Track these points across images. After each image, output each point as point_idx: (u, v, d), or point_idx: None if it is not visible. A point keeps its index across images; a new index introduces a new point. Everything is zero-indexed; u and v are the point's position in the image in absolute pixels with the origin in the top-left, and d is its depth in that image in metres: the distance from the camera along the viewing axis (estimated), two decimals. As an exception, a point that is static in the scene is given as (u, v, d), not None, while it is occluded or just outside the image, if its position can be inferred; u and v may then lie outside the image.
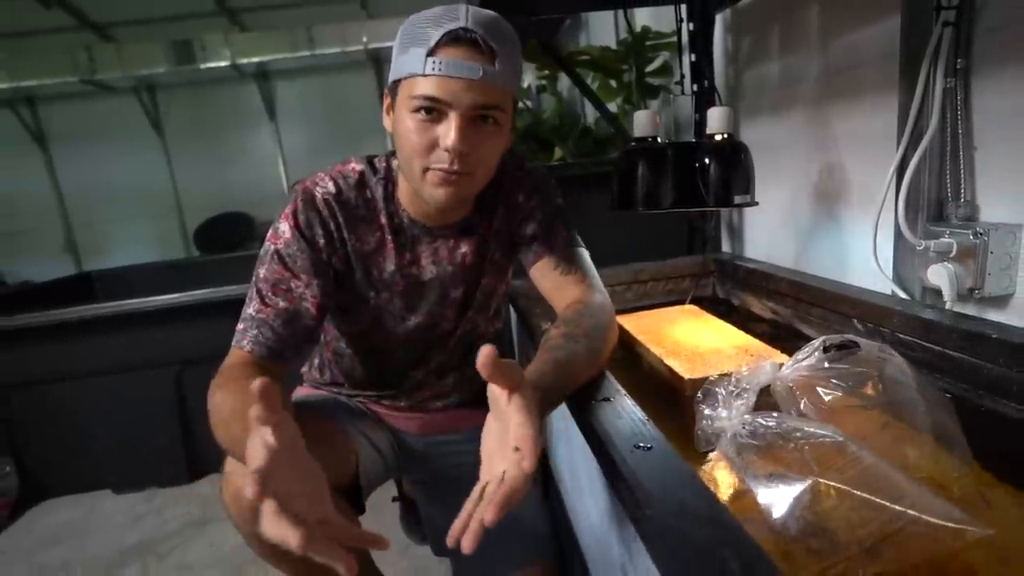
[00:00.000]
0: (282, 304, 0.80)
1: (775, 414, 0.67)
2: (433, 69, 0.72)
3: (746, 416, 0.69)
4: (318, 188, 0.85)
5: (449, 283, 0.95)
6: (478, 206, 0.94)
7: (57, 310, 1.83)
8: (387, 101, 0.82)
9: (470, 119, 0.75)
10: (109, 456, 1.93)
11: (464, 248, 0.94)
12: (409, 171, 0.80)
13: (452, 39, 0.72)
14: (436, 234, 0.92)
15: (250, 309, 0.80)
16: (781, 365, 0.80)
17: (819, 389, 0.73)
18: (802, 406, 0.73)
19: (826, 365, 0.74)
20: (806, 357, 0.77)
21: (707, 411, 0.75)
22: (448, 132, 0.74)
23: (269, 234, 0.84)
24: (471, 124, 0.75)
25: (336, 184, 0.86)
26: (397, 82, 0.77)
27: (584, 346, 0.76)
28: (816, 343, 0.78)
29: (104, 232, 5.77)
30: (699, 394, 0.77)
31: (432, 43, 0.71)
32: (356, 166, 0.89)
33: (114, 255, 5.25)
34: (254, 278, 0.83)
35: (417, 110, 0.74)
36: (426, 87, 0.73)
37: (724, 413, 0.70)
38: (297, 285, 0.82)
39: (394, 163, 0.90)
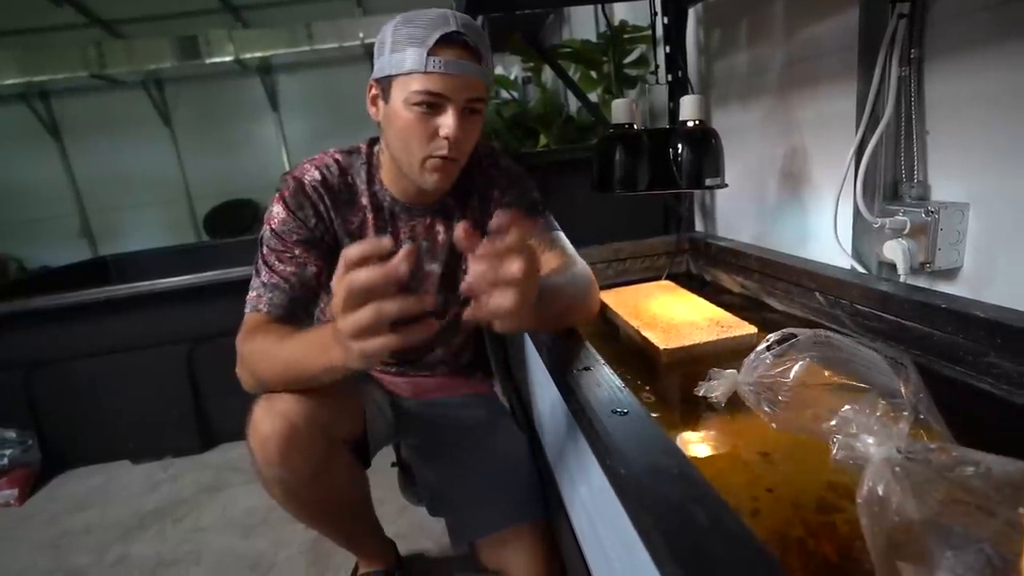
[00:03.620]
0: (289, 269, 0.84)
1: (929, 442, 0.53)
2: (435, 67, 0.76)
3: (899, 443, 0.54)
4: (306, 176, 0.88)
5: (425, 257, 0.98)
6: (453, 191, 0.97)
7: (75, 292, 1.80)
8: (372, 93, 0.84)
9: (463, 111, 0.80)
10: (126, 428, 1.91)
11: (439, 227, 0.97)
12: (406, 158, 0.83)
13: (448, 41, 0.76)
14: (414, 213, 0.95)
15: (260, 278, 0.84)
16: (739, 370, 0.76)
17: (771, 387, 0.72)
18: (763, 404, 0.72)
19: (769, 361, 0.73)
20: (755, 357, 0.75)
21: (846, 440, 0.57)
22: (449, 123, 0.78)
23: (264, 219, 0.88)
24: (463, 115, 0.80)
25: (320, 172, 0.89)
26: (390, 77, 0.79)
27: (565, 279, 0.81)
28: (762, 344, 0.76)
29: (117, 219, 5.67)
30: (837, 421, 0.60)
31: (431, 44, 0.75)
32: (336, 156, 0.92)
33: (127, 240, 5.18)
34: (258, 256, 0.86)
35: (419, 104, 0.78)
36: (429, 83, 0.76)
37: (871, 440, 0.55)
38: (299, 254, 0.85)
39: (375, 148, 0.94)
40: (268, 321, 0.81)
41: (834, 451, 0.57)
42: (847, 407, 0.60)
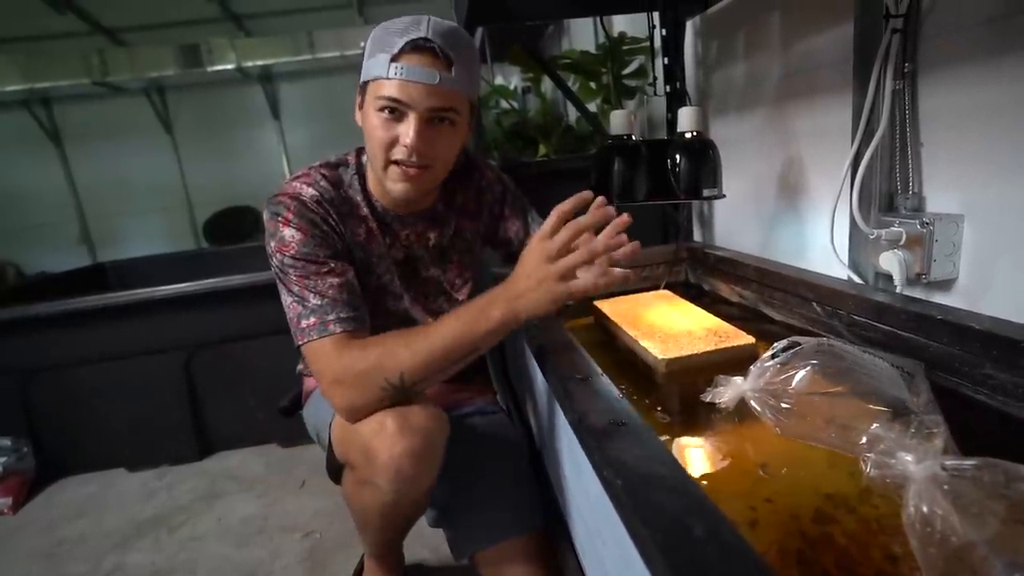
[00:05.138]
0: (335, 281, 0.80)
1: (974, 459, 0.50)
2: (396, 74, 0.75)
3: (942, 460, 0.52)
4: (303, 194, 0.84)
5: (420, 264, 0.99)
6: (450, 201, 0.99)
7: (73, 299, 1.80)
8: (358, 99, 0.84)
9: (427, 120, 0.79)
10: (123, 436, 1.90)
11: (431, 234, 0.98)
12: (375, 163, 0.84)
13: (413, 48, 0.75)
14: (405, 221, 0.95)
15: (309, 304, 0.78)
16: (745, 377, 0.77)
17: (777, 394, 0.72)
18: (768, 412, 0.72)
19: (775, 368, 0.74)
20: (761, 365, 0.76)
21: (880, 458, 0.56)
22: (408, 131, 0.78)
23: (274, 247, 0.82)
24: (428, 124, 0.79)
25: (314, 188, 0.85)
26: (366, 83, 0.80)
27: None
28: (768, 352, 0.77)
29: (117, 225, 5.69)
30: (868, 438, 0.60)
31: (396, 50, 0.75)
32: (322, 171, 0.88)
33: (127, 247, 5.19)
34: (292, 288, 0.80)
35: (381, 109, 0.78)
36: (389, 89, 0.76)
37: (909, 457, 0.53)
38: (335, 266, 0.82)
39: (364, 158, 0.93)
40: (352, 337, 0.77)
41: (867, 469, 0.57)
42: (876, 425, 0.59)
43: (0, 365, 1.84)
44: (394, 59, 0.75)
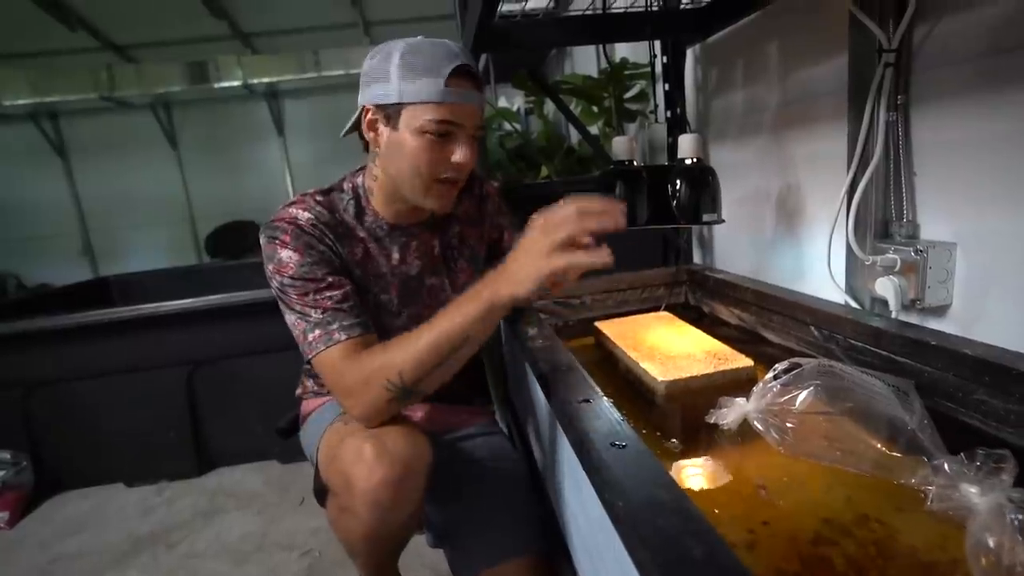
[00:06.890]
0: (335, 294, 0.83)
1: None
2: (452, 98, 0.79)
3: (1008, 492, 0.52)
4: (299, 218, 0.85)
5: (428, 272, 1.00)
6: (453, 207, 1.01)
7: (76, 313, 1.81)
8: (371, 117, 0.85)
9: (473, 138, 0.84)
10: (122, 451, 1.91)
11: (435, 241, 1.00)
12: (412, 182, 0.85)
13: (460, 72, 0.79)
14: (412, 232, 0.97)
15: (311, 318, 0.80)
16: (748, 398, 0.79)
17: (780, 414, 0.74)
18: (772, 432, 0.74)
19: (777, 389, 0.75)
20: (763, 387, 0.78)
21: (943, 491, 0.57)
22: (463, 150, 0.83)
23: (272, 269, 0.83)
24: (472, 142, 0.84)
25: (310, 212, 0.86)
26: (399, 105, 0.81)
27: None
28: (770, 373, 0.79)
29: (120, 238, 5.71)
30: (930, 470, 0.60)
31: (447, 75, 0.78)
32: (316, 197, 0.90)
33: (129, 260, 5.20)
34: (294, 307, 0.82)
35: (431, 132, 0.80)
36: (444, 112, 0.80)
37: (974, 489, 0.53)
38: (333, 280, 0.84)
39: (358, 180, 0.94)
40: (359, 344, 0.79)
41: (929, 502, 0.57)
42: (939, 458, 0.60)
43: (1, 379, 1.85)
44: (447, 84, 0.78)
